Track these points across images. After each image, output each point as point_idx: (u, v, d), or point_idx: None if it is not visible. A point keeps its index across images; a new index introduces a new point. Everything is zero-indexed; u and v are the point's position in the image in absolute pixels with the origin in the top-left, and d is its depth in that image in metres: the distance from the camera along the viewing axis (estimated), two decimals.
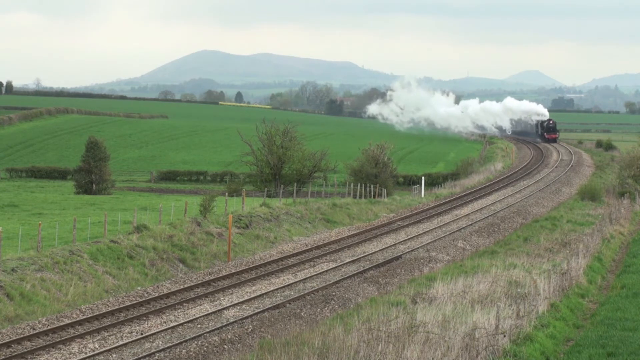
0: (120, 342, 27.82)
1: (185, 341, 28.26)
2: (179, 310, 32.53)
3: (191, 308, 32.96)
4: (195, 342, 28.29)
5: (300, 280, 38.19)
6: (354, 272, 40.29)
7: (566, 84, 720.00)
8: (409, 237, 51.38)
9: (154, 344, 28.13)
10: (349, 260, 43.44)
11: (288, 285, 37.20)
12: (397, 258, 44.55)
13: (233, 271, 39.42)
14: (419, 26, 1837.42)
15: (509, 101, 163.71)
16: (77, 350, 27.16)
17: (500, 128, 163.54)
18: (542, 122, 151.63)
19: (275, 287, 36.49)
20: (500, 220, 59.52)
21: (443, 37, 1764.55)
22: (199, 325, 30.48)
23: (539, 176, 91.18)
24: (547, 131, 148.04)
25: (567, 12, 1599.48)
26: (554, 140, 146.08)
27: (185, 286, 36.05)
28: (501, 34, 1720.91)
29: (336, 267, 41.64)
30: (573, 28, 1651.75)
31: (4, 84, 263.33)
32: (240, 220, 49.77)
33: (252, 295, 34.90)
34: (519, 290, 30.98)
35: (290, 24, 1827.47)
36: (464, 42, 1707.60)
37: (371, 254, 45.42)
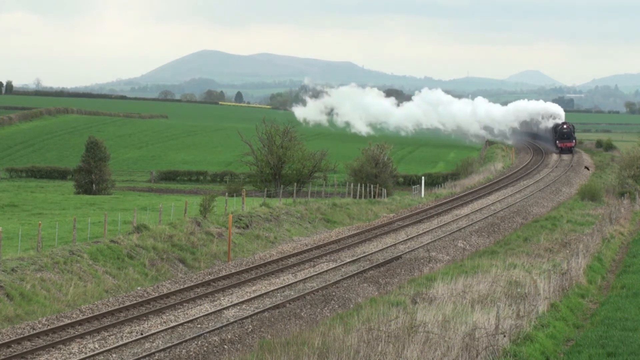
0: (120, 342, 27.82)
1: (185, 341, 28.26)
2: (179, 310, 32.52)
3: (191, 308, 32.95)
4: (195, 342, 28.29)
5: (300, 280, 38.18)
6: (354, 272, 40.27)
7: (566, 84, 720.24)
8: (409, 237, 51.35)
9: (154, 344, 28.13)
10: (349, 260, 43.42)
11: (288, 285, 37.19)
12: (397, 258, 44.53)
13: (233, 271, 39.41)
14: (419, 27, 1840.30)
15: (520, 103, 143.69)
16: (77, 350, 27.15)
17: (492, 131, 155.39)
18: (556, 126, 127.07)
19: (275, 287, 36.48)
20: (500, 220, 59.49)
21: (443, 38, 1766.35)
22: (199, 325, 30.48)
23: (539, 176, 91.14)
24: (560, 138, 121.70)
25: (567, 12, 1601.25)
26: (569, 151, 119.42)
27: (185, 286, 36.04)
28: (501, 34, 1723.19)
29: (336, 267, 41.63)
30: (573, 28, 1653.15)
31: (4, 84, 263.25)
32: (240, 220, 49.77)
33: (252, 295, 34.89)
34: (519, 290, 30.97)
35: (291, 24, 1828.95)
36: (464, 42, 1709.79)
37: (371, 254, 45.39)
